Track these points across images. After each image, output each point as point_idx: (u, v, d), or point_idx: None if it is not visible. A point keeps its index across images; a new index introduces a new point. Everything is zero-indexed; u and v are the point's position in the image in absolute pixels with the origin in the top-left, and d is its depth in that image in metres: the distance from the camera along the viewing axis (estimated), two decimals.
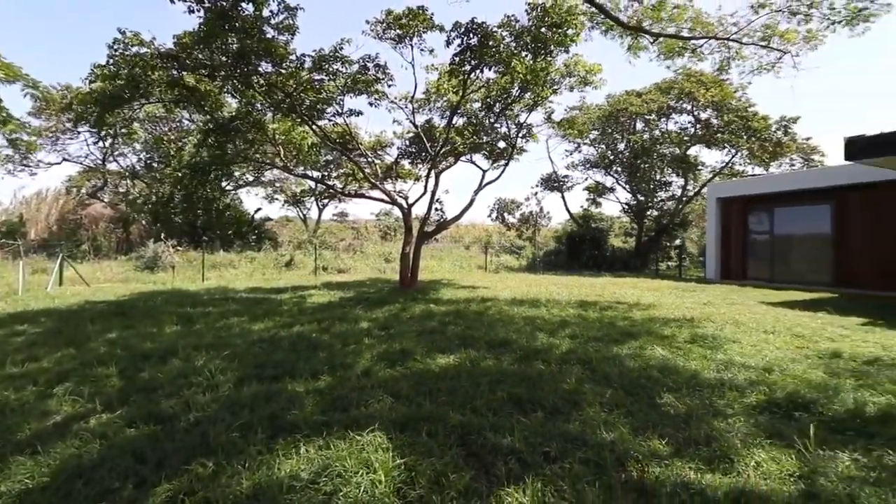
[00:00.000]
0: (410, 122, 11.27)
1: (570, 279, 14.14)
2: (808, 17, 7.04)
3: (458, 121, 12.29)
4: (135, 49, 8.37)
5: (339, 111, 10.76)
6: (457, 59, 8.72)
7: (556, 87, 11.41)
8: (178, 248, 15.91)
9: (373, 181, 10.83)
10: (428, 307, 7.51)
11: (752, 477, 2.07)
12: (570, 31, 8.91)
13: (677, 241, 21.23)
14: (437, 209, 11.16)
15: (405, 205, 10.99)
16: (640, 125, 21.38)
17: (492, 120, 12.06)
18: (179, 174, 12.20)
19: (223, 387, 3.54)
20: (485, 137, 11.83)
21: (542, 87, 10.48)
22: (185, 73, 8.82)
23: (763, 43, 7.59)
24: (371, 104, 10.63)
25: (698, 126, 19.81)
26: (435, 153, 10.64)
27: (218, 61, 8.61)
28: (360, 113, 10.68)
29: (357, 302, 8.25)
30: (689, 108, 19.75)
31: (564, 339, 5.06)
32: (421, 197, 11.36)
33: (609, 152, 21.83)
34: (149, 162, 21.69)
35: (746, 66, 8.38)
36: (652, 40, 8.23)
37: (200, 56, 8.62)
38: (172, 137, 19.19)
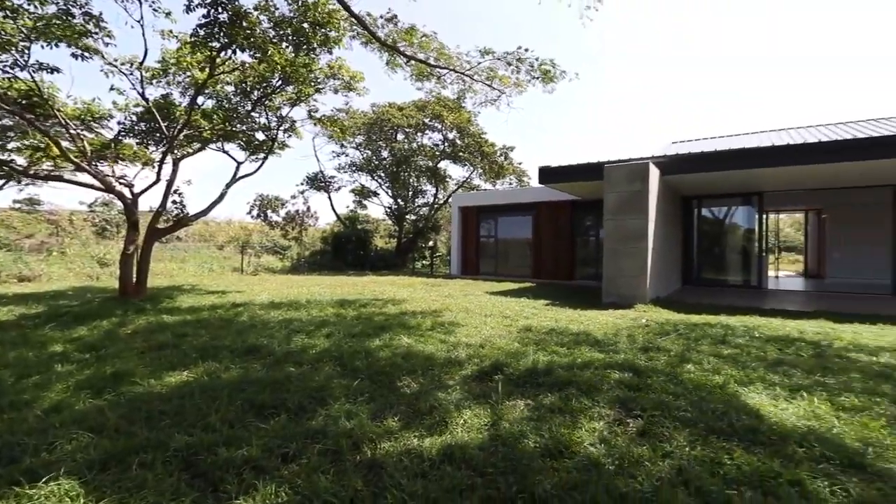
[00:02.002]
0: (139, 93, 9.25)
1: (334, 279, 14.25)
2: (518, 69, 9.18)
3: (207, 102, 10.80)
4: None
5: (23, 63, 7.97)
6: (202, 31, 7.64)
7: (320, 86, 11.33)
8: None
9: (76, 160, 8.42)
10: (158, 318, 6.33)
11: (458, 432, 2.53)
12: (332, 34, 9.00)
13: (431, 243, 24.04)
14: (175, 202, 9.50)
15: (129, 195, 8.95)
16: (401, 136, 23.34)
17: (248, 108, 11.06)
18: None
19: None
20: (239, 126, 10.73)
21: (305, 83, 10.23)
22: None
23: (488, 82, 9.49)
24: (77, 56, 8.26)
25: (446, 144, 22.98)
26: (172, 135, 9.03)
27: None
28: (55, 70, 8.17)
29: (48, 319, 6.27)
30: (439, 127, 22.68)
31: (321, 338, 5.07)
32: (151, 186, 9.45)
33: (374, 158, 23.05)
34: None
35: (477, 99, 10.36)
36: (405, 61, 9.15)
37: None
38: None
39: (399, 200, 23.36)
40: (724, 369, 3.90)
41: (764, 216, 13.99)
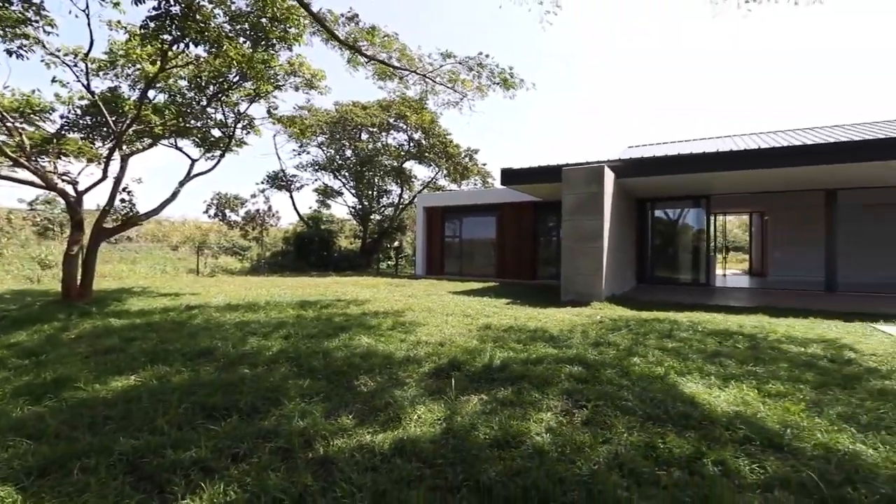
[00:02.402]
0: (84, 86, 8.77)
1: (296, 280, 13.98)
2: (479, 73, 9.34)
3: (158, 97, 10.37)
4: None
5: None
6: (152, 23, 7.34)
7: (279, 83, 11.10)
8: None
9: (13, 156, 7.91)
10: (105, 322, 6.05)
11: (411, 427, 2.59)
12: (292, 30, 8.85)
13: (396, 243, 23.97)
14: (123, 200, 9.06)
15: (72, 192, 8.48)
16: (365, 136, 23.14)
17: (203, 103, 10.70)
18: None
19: None
20: (194, 122, 10.36)
21: (263, 80, 10.00)
22: None
23: (450, 85, 9.60)
24: (11, 53, 7.77)
25: (411, 144, 22.98)
26: (121, 130, 8.62)
27: None
28: None
29: None
30: (404, 127, 22.65)
31: (278, 340, 5.00)
32: (97, 183, 8.98)
33: (337, 157, 22.75)
34: None
35: (439, 100, 10.46)
36: (365, 61, 9.11)
37: None
38: None
39: (364, 200, 23.16)
40: (667, 361, 4.15)
41: (712, 218, 14.82)
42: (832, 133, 12.05)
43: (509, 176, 11.33)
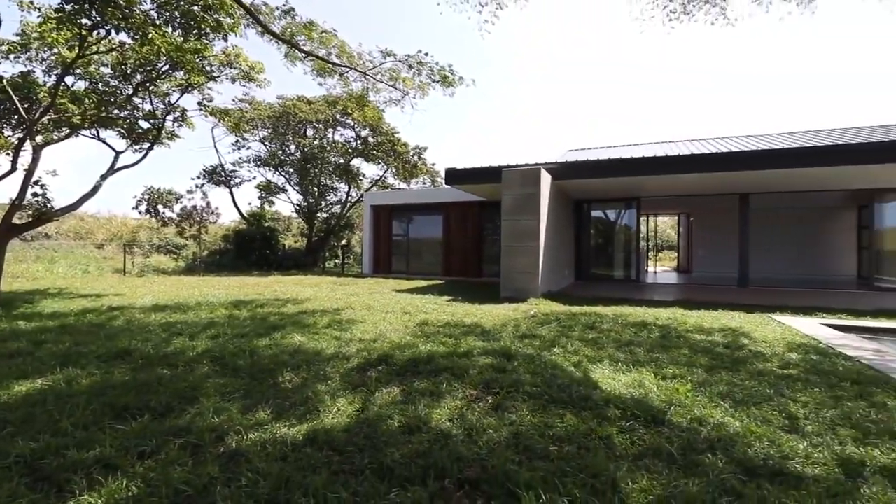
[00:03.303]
0: None
1: (234, 280, 13.48)
2: (419, 72, 9.46)
3: (77, 84, 9.65)
4: None
5: None
6: (68, 6, 6.85)
7: (214, 74, 10.66)
8: None
9: None
10: (12, 325, 5.62)
11: (328, 419, 2.67)
12: (226, 20, 8.54)
13: (343, 241, 23.62)
14: (36, 194, 8.37)
15: None
16: (311, 131, 22.58)
17: (129, 92, 10.07)
18: None
19: None
20: (118, 112, 9.74)
21: (196, 70, 9.57)
22: None
23: (391, 83, 9.65)
24: None
25: (358, 141, 22.72)
26: (33, 119, 7.96)
27: None
28: None
29: None
30: (351, 124, 22.33)
31: (204, 340, 4.87)
32: (5, 176, 8.24)
33: (280, 152, 22.05)
34: None
35: (381, 98, 10.48)
36: (303, 56, 8.97)
37: None
38: None
39: (309, 198, 22.61)
40: (584, 350, 4.48)
41: (643, 218, 15.83)
42: (747, 142, 13.26)
43: (453, 176, 11.55)
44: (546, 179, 9.85)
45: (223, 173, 21.89)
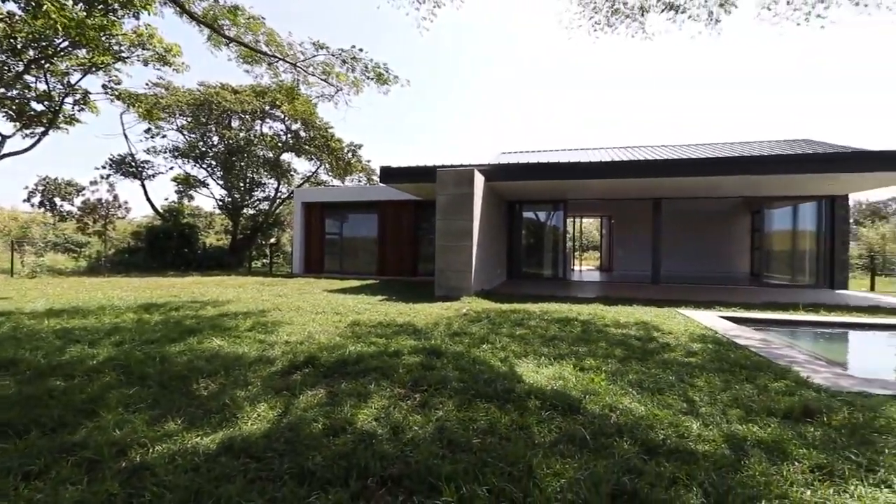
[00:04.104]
0: None
1: (146, 281, 12.36)
2: (353, 67, 9.26)
3: None
4: None
5: None
6: None
7: (123, 54, 9.70)
8: None
9: None
10: None
11: (246, 425, 2.54)
12: None
13: (272, 240, 22.54)
14: None
15: None
16: (236, 122, 21.27)
17: (20, 69, 8.88)
18: None
19: None
20: (4, 91, 8.54)
21: (100, 49, 8.64)
22: None
23: (324, 77, 9.36)
24: None
25: (289, 135, 21.78)
26: None
27: None
28: None
29: None
30: (282, 116, 21.35)
31: (107, 347, 4.42)
32: None
33: (202, 143, 20.54)
34: None
35: (313, 92, 10.12)
36: (227, 42, 8.43)
37: None
38: None
39: (234, 193, 21.29)
40: (511, 346, 4.64)
41: (570, 220, 16.72)
42: (660, 152, 14.48)
43: (388, 174, 11.46)
44: (479, 180, 10.08)
45: (134, 164, 19.98)
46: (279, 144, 21.86)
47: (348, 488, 1.93)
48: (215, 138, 20.70)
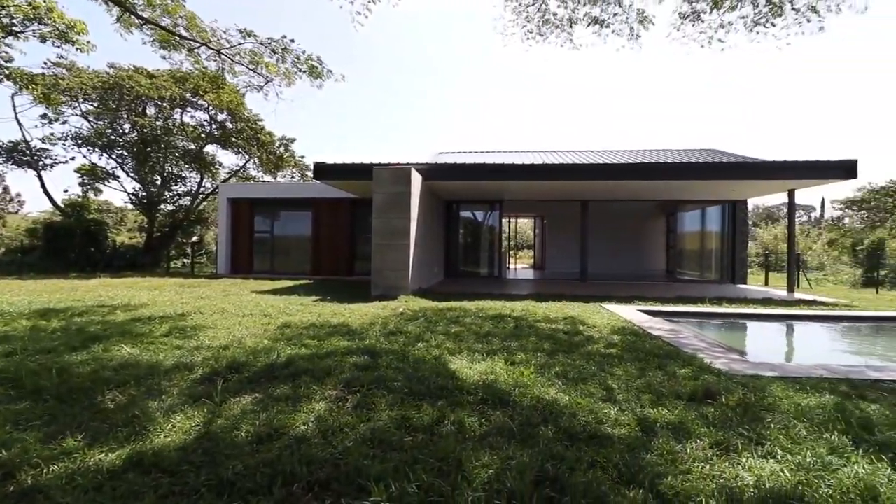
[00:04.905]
0: None
1: (44, 283, 11.01)
2: (284, 58, 8.86)
3: None
4: None
5: None
6: None
7: (15, 28, 8.57)
8: None
9: None
10: None
11: (160, 438, 2.36)
12: None
13: (194, 238, 20.99)
14: None
15: None
16: (152, 110, 19.50)
17: None
18: None
19: None
20: None
21: None
22: None
23: (252, 66, 8.86)
24: None
25: (214, 126, 20.39)
26: None
27: None
28: None
29: None
30: (205, 105, 19.90)
31: None
32: None
33: (110, 131, 18.62)
34: None
35: (240, 81, 9.55)
36: (140, 23, 7.69)
37: None
38: None
39: (150, 187, 19.52)
40: (446, 344, 4.71)
41: (505, 220, 17.22)
42: (588, 156, 15.34)
43: (322, 171, 11.12)
44: (417, 179, 10.08)
45: (28, 152, 17.68)
46: (202, 135, 20.36)
47: (272, 496, 1.85)
48: (127, 126, 18.84)
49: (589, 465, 2.17)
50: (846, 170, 9.82)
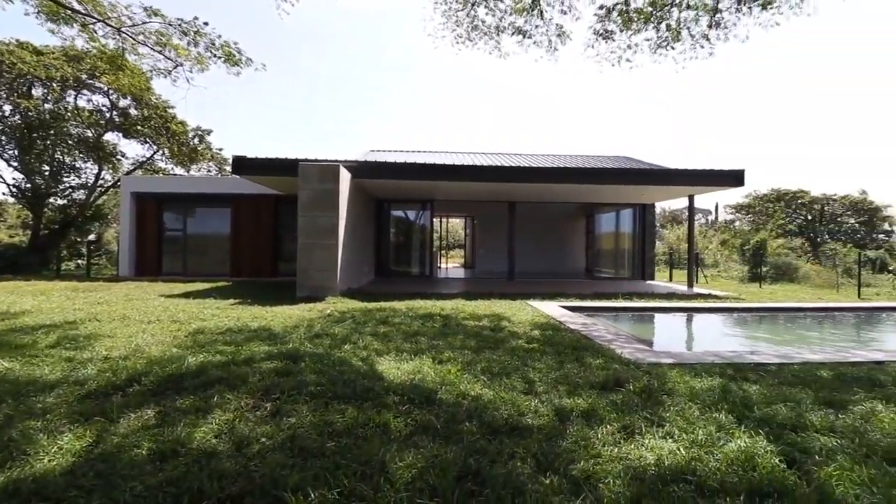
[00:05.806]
0: None
1: None
2: (196, 42, 8.19)
3: None
4: None
5: None
6: None
7: None
8: None
9: None
10: None
11: (42, 462, 2.08)
12: None
13: (91, 236, 18.77)
14: None
15: None
16: (39, 91, 17.12)
17: None
18: None
19: None
20: None
21: None
22: None
23: (158, 48, 8.07)
24: None
25: (115, 112, 18.37)
26: None
27: None
28: None
29: None
30: (105, 89, 17.85)
31: None
32: None
33: None
34: None
35: (145, 64, 8.67)
36: None
37: None
38: None
39: (36, 178, 17.13)
40: (374, 345, 4.64)
41: (436, 219, 17.35)
42: (516, 160, 15.90)
43: (242, 165, 10.44)
44: (346, 177, 9.83)
45: None
46: (101, 122, 18.25)
47: None
48: (7, 108, 16.38)
49: (509, 456, 2.26)
50: (736, 178, 11.14)
